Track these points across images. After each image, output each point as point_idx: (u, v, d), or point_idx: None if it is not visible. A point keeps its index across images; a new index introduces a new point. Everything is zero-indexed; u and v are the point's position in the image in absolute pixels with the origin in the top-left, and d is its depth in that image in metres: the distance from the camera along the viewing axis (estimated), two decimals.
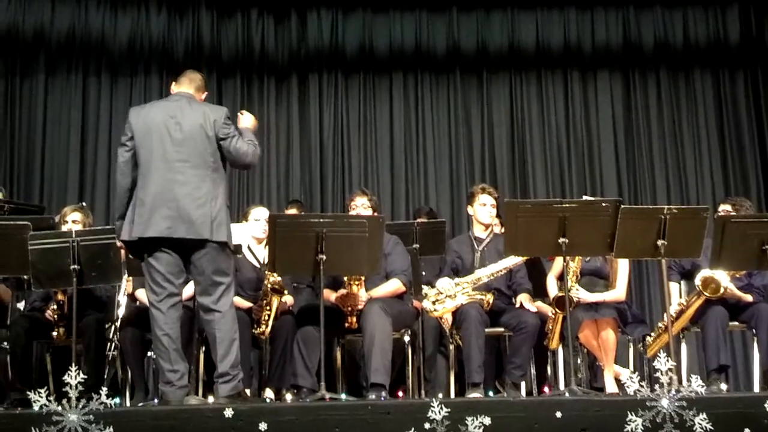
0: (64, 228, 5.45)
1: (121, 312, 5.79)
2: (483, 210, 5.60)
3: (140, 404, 4.82)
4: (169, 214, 4.40)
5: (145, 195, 4.45)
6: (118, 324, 5.59)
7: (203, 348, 5.17)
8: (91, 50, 8.07)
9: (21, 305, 5.78)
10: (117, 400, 3.99)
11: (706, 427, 3.73)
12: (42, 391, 3.76)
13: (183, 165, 4.46)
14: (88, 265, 4.76)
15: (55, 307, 5.26)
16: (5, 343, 5.28)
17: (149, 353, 5.39)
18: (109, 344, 5.60)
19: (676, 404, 3.78)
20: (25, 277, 5.43)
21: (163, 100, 4.82)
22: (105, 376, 5.34)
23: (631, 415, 3.78)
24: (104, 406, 3.75)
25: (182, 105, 4.59)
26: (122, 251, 4.72)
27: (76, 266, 4.71)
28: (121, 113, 7.96)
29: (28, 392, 3.87)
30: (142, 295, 5.53)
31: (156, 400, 4.49)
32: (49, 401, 3.73)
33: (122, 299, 5.83)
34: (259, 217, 5.69)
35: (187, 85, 4.72)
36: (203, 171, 4.48)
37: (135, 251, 4.58)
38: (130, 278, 5.66)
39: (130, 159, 4.54)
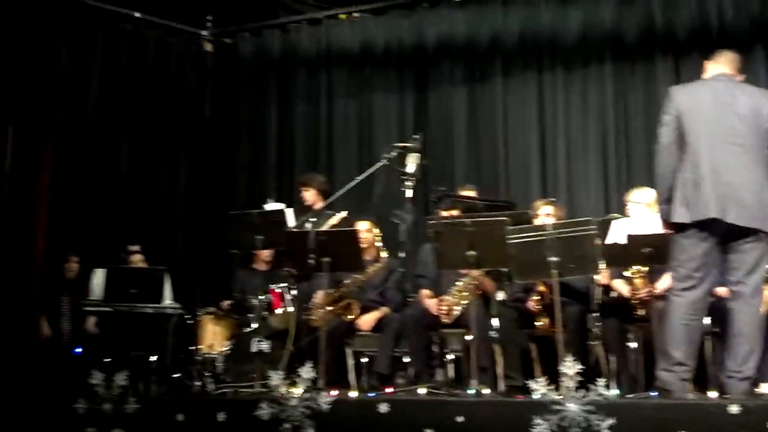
0: (537, 222, 5.60)
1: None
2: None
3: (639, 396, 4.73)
4: (721, 196, 4.22)
5: (695, 176, 4.29)
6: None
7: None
8: (544, 47, 8.19)
9: None
10: (616, 390, 3.91)
11: None
12: (541, 380, 3.85)
13: (736, 148, 4.27)
14: (565, 256, 4.82)
15: (537, 297, 5.41)
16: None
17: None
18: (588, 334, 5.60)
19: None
20: (504, 269, 5.73)
21: (705, 80, 4.58)
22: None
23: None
24: (603, 397, 3.73)
25: (730, 86, 4.42)
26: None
27: (554, 258, 4.79)
28: (576, 106, 8.02)
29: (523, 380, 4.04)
30: (618, 285, 5.48)
31: (653, 392, 4.34)
32: (549, 390, 3.80)
33: (596, 289, 5.80)
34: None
35: (726, 64, 4.52)
36: (756, 155, 4.27)
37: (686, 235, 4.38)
38: (606, 269, 5.60)
39: (675, 139, 4.39)
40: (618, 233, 5.52)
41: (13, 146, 6.56)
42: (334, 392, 4.51)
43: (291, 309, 6.45)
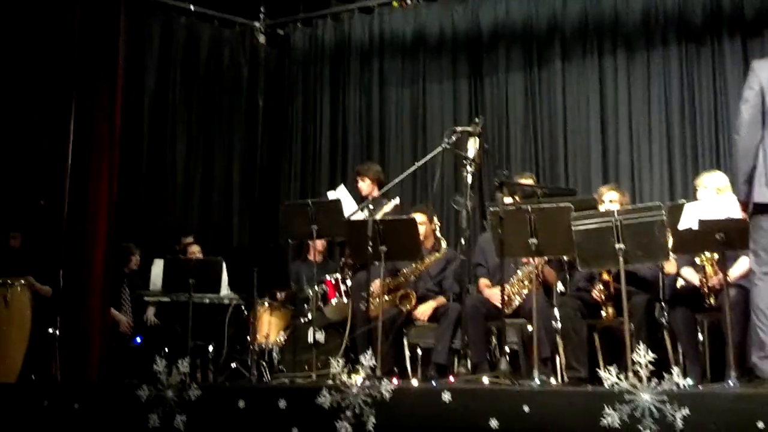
0: (601, 209, 5.44)
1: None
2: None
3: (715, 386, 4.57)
4: None
5: None
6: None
7: None
8: (605, 30, 7.99)
9: None
10: (689, 380, 3.76)
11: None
12: (611, 368, 3.72)
13: None
14: (632, 244, 4.66)
15: (601, 287, 5.26)
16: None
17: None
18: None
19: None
20: (566, 258, 5.59)
21: None
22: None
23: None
24: (677, 386, 3.59)
25: None
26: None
27: (621, 246, 4.64)
28: (639, 91, 7.81)
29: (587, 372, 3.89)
30: (687, 273, 5.31)
31: (730, 382, 4.18)
32: (620, 380, 3.67)
33: (667, 278, 5.62)
34: None
35: None
36: None
37: (753, 216, 4.25)
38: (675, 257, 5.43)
39: (757, 115, 4.19)
40: (691, 217, 5.32)
41: (74, 137, 6.59)
42: (395, 381, 4.42)
43: (346, 300, 6.41)
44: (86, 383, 5.80)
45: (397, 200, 6.36)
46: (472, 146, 4.91)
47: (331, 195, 6.83)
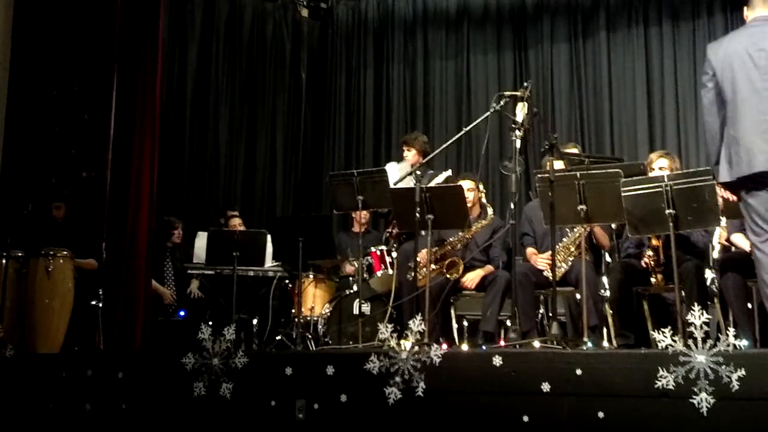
0: (652, 175, 5.34)
1: (714, 256, 5.50)
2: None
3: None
4: (765, 146, 4.01)
5: (736, 131, 4.11)
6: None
7: None
8: (650, 0, 7.87)
9: None
10: (745, 342, 3.68)
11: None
12: (666, 330, 3.65)
13: None
14: (683, 209, 4.57)
15: (651, 253, 5.17)
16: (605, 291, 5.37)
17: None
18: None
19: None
20: (613, 226, 5.51)
21: (740, 29, 4.40)
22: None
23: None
24: (733, 347, 3.51)
25: (763, 29, 4.16)
26: (721, 195, 4.43)
27: (671, 211, 4.56)
28: (685, 60, 7.68)
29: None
30: (738, 239, 5.19)
31: None
32: (674, 341, 3.60)
33: (716, 243, 5.52)
34: None
35: (762, 5, 4.25)
36: None
37: (735, 192, 4.28)
38: (725, 224, 5.32)
39: (715, 99, 4.23)
40: None
41: (116, 114, 6.62)
42: (445, 346, 4.38)
43: (391, 271, 6.38)
44: (130, 352, 5.84)
45: (449, 172, 6.29)
46: (521, 111, 4.84)
47: (391, 167, 6.71)
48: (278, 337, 6.64)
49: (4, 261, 5.74)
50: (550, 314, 5.46)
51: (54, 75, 6.69)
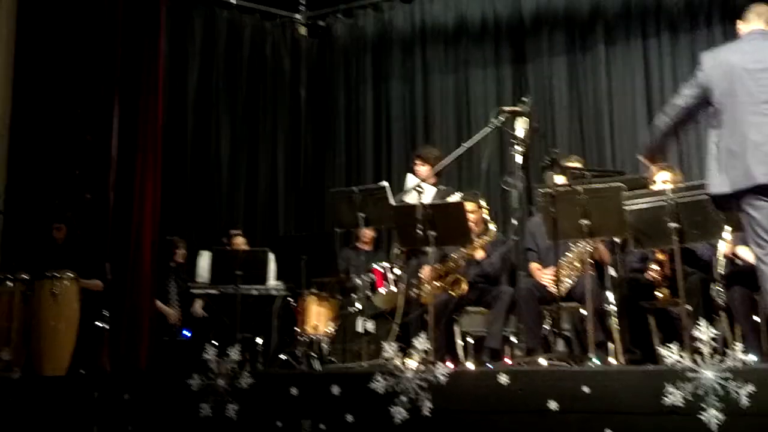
0: (653, 188, 5.33)
1: (719, 269, 5.47)
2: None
3: None
4: (765, 159, 4.01)
5: (733, 143, 4.10)
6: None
7: None
8: (648, 12, 7.89)
9: None
10: (754, 357, 3.66)
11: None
12: (672, 346, 3.64)
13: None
14: (687, 222, 4.57)
15: (656, 267, 5.16)
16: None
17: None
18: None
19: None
20: (617, 240, 5.49)
21: (736, 42, 4.40)
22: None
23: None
24: (742, 363, 3.49)
25: (759, 44, 4.20)
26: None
27: (675, 224, 4.55)
28: (685, 72, 7.65)
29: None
30: (743, 252, 5.17)
31: None
32: (681, 356, 3.59)
33: (721, 257, 5.50)
34: None
35: (756, 20, 4.28)
36: None
37: (725, 205, 4.26)
38: (730, 237, 5.30)
39: (689, 104, 4.32)
40: None
41: (119, 132, 6.65)
42: (450, 365, 4.37)
43: (394, 288, 6.36)
44: (136, 373, 5.83)
45: (458, 195, 6.23)
46: (521, 126, 4.84)
47: (411, 179, 6.44)
48: (282, 357, 6.62)
49: (10, 284, 5.75)
50: (555, 330, 5.46)
51: (56, 97, 6.72)
